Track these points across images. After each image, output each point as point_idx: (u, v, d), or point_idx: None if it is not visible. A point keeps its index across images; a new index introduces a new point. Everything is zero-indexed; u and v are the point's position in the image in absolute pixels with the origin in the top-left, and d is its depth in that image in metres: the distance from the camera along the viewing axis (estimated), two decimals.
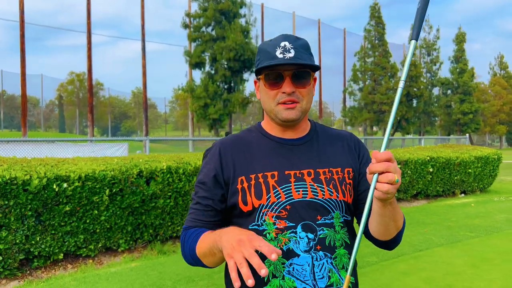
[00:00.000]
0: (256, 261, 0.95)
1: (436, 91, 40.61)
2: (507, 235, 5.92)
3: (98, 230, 4.56)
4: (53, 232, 4.24)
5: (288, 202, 1.21)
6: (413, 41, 1.07)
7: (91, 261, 4.59)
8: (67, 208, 4.24)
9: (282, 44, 1.22)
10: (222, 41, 20.49)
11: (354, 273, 1.29)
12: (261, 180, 1.22)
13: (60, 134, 52.73)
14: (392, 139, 27.35)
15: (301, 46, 1.24)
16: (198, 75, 22.75)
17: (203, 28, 21.48)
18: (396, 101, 1.05)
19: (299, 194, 1.22)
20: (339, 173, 1.28)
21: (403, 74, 1.07)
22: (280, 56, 1.21)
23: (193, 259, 1.22)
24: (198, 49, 21.19)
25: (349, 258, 1.17)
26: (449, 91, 39.82)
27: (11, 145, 9.02)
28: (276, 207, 1.21)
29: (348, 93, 33.03)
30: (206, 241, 1.15)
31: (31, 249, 4.15)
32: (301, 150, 1.29)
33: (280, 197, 1.21)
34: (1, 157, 5.02)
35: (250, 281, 0.94)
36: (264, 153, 1.28)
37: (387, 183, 1.01)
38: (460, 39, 39.48)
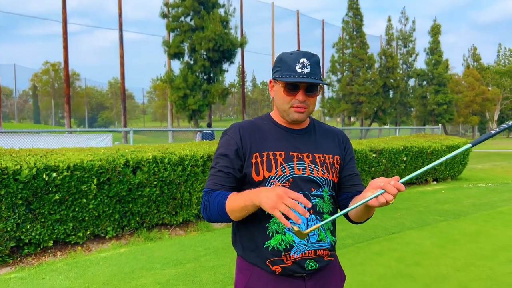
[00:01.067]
0: (300, 209, 1.26)
1: (412, 82, 41.50)
2: (473, 219, 6.35)
3: (86, 218, 4.71)
4: (43, 220, 4.38)
5: (291, 176, 1.54)
6: (469, 144, 1.31)
7: (80, 248, 4.75)
8: (57, 197, 4.38)
9: (301, 60, 1.53)
10: (201, 31, 20.43)
11: (333, 234, 1.63)
12: (271, 157, 1.56)
13: (35, 125, 51.49)
14: (369, 130, 27.98)
15: (315, 63, 1.55)
16: (177, 66, 22.66)
17: (182, 18, 21.32)
18: (435, 163, 1.29)
19: (299, 170, 1.56)
20: (330, 159, 1.64)
21: (449, 156, 1.28)
22: (299, 70, 1.52)
23: (219, 214, 1.49)
24: (176, 39, 21.05)
25: (332, 223, 1.60)
26: (424, 82, 40.74)
27: None
28: (282, 178, 1.54)
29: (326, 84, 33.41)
30: (238, 200, 1.44)
31: (22, 237, 4.28)
32: (302, 138, 1.64)
33: (285, 171, 1.54)
34: None
35: (300, 221, 1.26)
36: (274, 137, 1.61)
37: (386, 200, 1.31)
38: (435, 31, 40.36)
